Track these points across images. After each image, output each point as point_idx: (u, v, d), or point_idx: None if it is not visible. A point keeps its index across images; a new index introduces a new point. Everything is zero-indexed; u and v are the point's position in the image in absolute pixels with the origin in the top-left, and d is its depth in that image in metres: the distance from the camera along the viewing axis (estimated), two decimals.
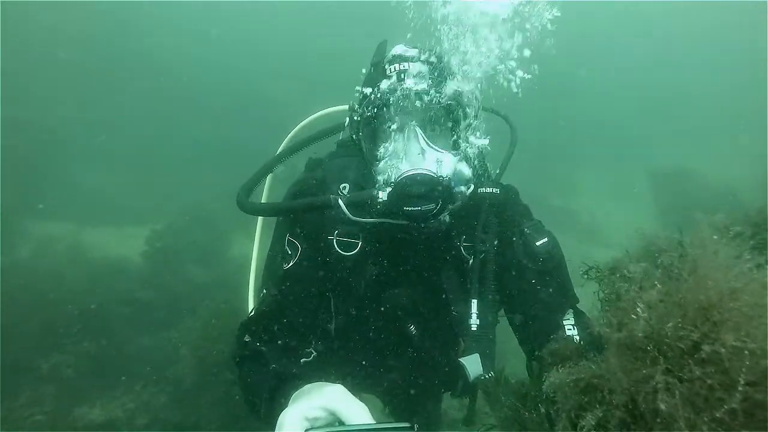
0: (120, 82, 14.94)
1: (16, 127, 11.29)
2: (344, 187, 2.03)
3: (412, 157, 1.79)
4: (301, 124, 2.83)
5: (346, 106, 2.10)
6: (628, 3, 23.55)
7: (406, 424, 1.18)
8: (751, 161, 11.25)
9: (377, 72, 1.92)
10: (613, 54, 22.89)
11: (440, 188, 1.75)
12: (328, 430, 1.23)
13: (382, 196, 1.79)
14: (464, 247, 2.05)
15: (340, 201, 1.85)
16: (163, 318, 6.47)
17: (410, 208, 1.76)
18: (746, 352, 0.73)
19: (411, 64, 1.87)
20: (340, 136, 2.37)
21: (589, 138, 17.11)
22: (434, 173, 1.76)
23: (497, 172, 2.29)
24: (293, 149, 2.29)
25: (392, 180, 1.79)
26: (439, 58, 1.94)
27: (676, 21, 23.48)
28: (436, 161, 1.81)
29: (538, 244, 1.96)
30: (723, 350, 0.74)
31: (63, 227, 9.57)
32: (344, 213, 1.84)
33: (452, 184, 1.80)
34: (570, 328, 1.78)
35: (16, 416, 5.13)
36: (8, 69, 12.44)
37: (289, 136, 2.81)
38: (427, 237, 1.99)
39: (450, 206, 1.85)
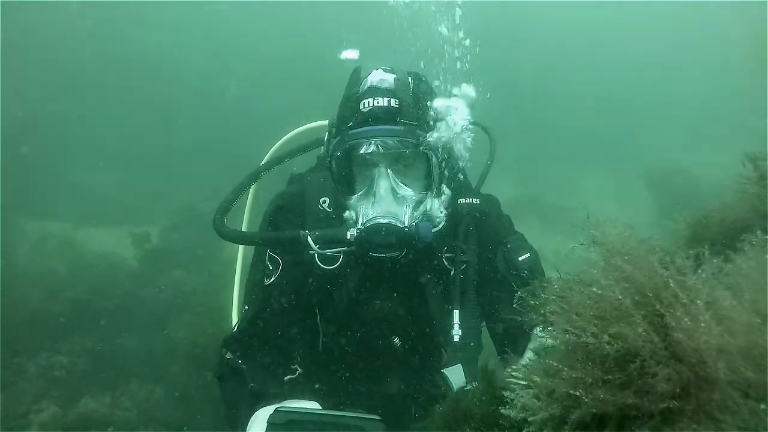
0: (115, 82, 14.93)
1: (14, 127, 11.29)
2: (324, 201, 2.05)
3: (381, 198, 1.80)
4: (282, 139, 2.83)
5: (326, 122, 2.11)
6: (626, 3, 23.58)
7: (375, 417, 1.19)
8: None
9: (350, 105, 1.89)
10: (611, 54, 22.90)
11: (406, 238, 1.77)
12: (296, 408, 1.24)
13: (350, 236, 1.80)
14: (446, 258, 2.06)
15: (309, 238, 1.84)
16: (157, 317, 6.46)
17: (375, 254, 1.79)
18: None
19: (385, 99, 1.82)
20: (321, 150, 2.34)
21: (586, 138, 17.11)
22: (400, 222, 1.77)
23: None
24: (268, 166, 2.30)
25: (360, 223, 1.80)
26: (417, 82, 1.93)
27: (676, 21, 23.51)
28: (406, 203, 1.83)
29: (519, 259, 1.96)
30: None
31: (58, 226, 9.56)
32: (313, 248, 1.84)
33: (420, 230, 1.79)
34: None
35: (12, 416, 5.12)
36: (7, 69, 12.42)
37: (271, 151, 2.81)
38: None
39: (416, 249, 1.86)
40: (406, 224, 1.79)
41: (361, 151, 1.82)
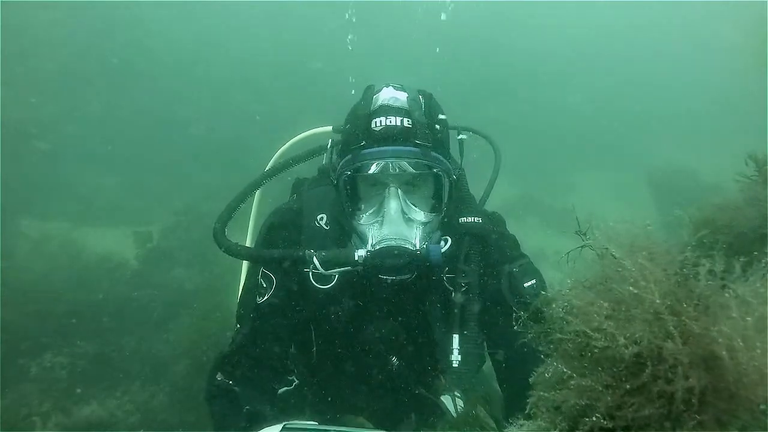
0: (116, 82, 14.92)
1: (14, 126, 11.29)
2: (321, 218, 2.00)
3: (391, 219, 1.75)
4: (286, 145, 2.79)
5: (330, 128, 2.05)
6: (626, 3, 23.55)
7: (377, 431, 1.21)
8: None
9: (360, 123, 1.84)
10: (611, 54, 22.87)
11: (417, 261, 1.73)
12: (303, 425, 1.24)
13: (359, 257, 1.75)
14: (447, 278, 1.99)
15: (315, 259, 1.79)
16: (158, 318, 6.45)
17: (385, 277, 1.77)
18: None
19: (398, 119, 1.77)
20: (324, 159, 2.32)
21: (587, 138, 17.09)
22: (411, 245, 1.72)
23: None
24: (270, 174, 2.26)
25: (370, 244, 1.76)
26: (428, 102, 1.89)
27: (675, 21, 23.48)
28: (415, 225, 1.78)
29: (525, 285, 1.90)
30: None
31: (58, 227, 9.56)
32: (318, 269, 1.80)
33: (429, 253, 1.75)
34: None
35: (13, 416, 5.11)
36: (7, 69, 12.42)
37: (275, 156, 2.77)
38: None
39: (426, 271, 1.84)
40: (417, 247, 1.74)
41: (372, 172, 1.77)
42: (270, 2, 19.92)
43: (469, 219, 1.99)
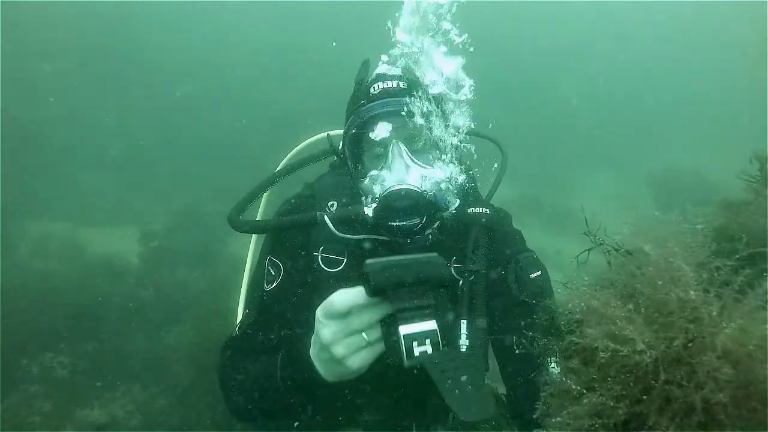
0: (117, 82, 14.95)
1: (14, 127, 11.32)
2: (332, 205, 2.02)
3: (397, 172, 1.80)
4: (300, 146, 2.80)
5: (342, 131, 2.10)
6: (631, 3, 23.57)
7: (434, 254, 1.40)
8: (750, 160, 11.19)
9: (360, 90, 1.94)
10: (610, 54, 22.89)
11: (425, 203, 1.75)
12: (382, 260, 1.38)
13: (368, 211, 1.80)
14: (454, 267, 2.02)
15: (326, 217, 1.84)
16: (159, 318, 6.45)
17: (396, 223, 1.76)
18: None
19: (394, 82, 1.89)
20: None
21: (588, 139, 17.10)
22: (419, 188, 1.76)
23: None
24: (285, 171, 2.29)
25: (378, 195, 1.79)
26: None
27: (676, 21, 23.50)
28: (421, 176, 1.81)
29: (531, 276, 1.94)
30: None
31: (59, 227, 9.57)
32: (330, 229, 1.84)
33: (437, 198, 1.80)
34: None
35: (14, 416, 5.11)
36: (7, 69, 12.44)
37: (288, 156, 2.79)
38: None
39: (436, 221, 1.86)
40: (423, 189, 1.79)
41: (375, 127, 1.86)
42: (271, 2, 19.94)
43: (477, 210, 2.04)
